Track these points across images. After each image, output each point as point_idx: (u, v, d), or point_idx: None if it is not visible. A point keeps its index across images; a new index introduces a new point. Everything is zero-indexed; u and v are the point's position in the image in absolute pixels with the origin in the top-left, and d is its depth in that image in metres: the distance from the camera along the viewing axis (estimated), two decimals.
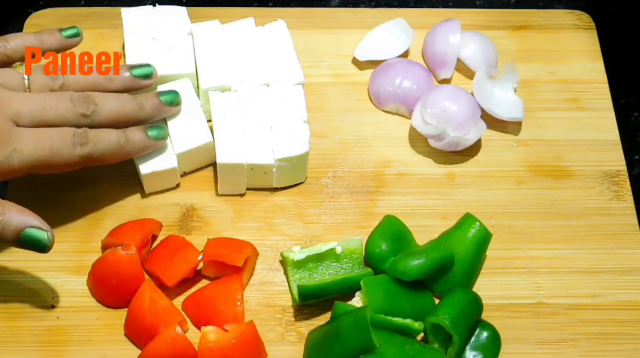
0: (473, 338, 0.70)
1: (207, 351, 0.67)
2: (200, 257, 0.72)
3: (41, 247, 0.65)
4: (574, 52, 0.87)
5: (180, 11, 0.82)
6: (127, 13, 0.82)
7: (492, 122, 0.81)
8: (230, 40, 0.81)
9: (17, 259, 0.73)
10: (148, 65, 0.75)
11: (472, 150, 0.80)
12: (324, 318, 0.71)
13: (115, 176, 0.78)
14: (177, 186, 0.78)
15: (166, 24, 0.81)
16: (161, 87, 0.78)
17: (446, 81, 0.84)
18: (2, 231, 0.64)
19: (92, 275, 0.72)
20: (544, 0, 0.93)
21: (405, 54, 0.86)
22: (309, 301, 0.71)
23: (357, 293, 0.71)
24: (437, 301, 0.72)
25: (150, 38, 0.80)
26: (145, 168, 0.74)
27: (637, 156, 0.83)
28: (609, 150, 0.81)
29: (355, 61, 0.85)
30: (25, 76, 0.69)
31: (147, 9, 0.82)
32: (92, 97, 0.70)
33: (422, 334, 0.69)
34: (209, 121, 0.77)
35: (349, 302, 0.70)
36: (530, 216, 0.77)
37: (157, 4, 0.83)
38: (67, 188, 0.77)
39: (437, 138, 0.78)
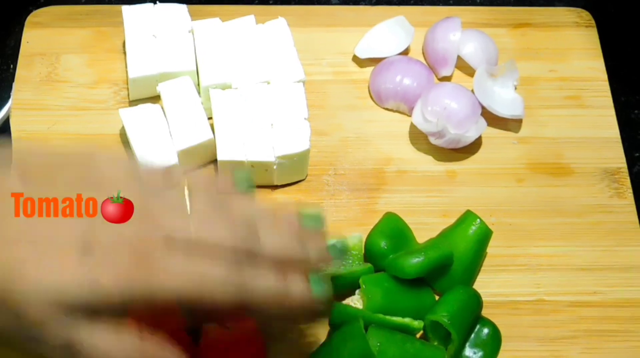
0: (473, 336, 0.70)
1: (208, 348, 0.67)
2: None
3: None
4: (575, 50, 0.87)
5: (181, 9, 0.83)
6: (128, 11, 0.82)
7: (493, 119, 0.81)
8: (230, 37, 0.81)
9: None
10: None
11: (473, 148, 0.80)
12: None
13: None
14: None
15: (167, 21, 0.81)
16: (162, 86, 0.78)
17: (446, 79, 0.84)
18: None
19: None
20: None
21: (405, 52, 0.86)
22: None
23: (357, 291, 0.71)
24: (438, 298, 0.72)
25: (151, 36, 0.80)
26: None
27: (637, 153, 0.83)
28: (609, 147, 0.81)
29: (355, 59, 0.85)
30: (187, 195, 0.57)
31: (148, 6, 0.82)
32: (256, 229, 0.57)
33: (421, 332, 0.70)
34: (210, 118, 0.78)
35: (349, 299, 0.70)
36: (531, 214, 0.77)
37: (157, 2, 0.83)
38: None
39: (437, 135, 0.78)
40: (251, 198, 0.60)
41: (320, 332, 0.70)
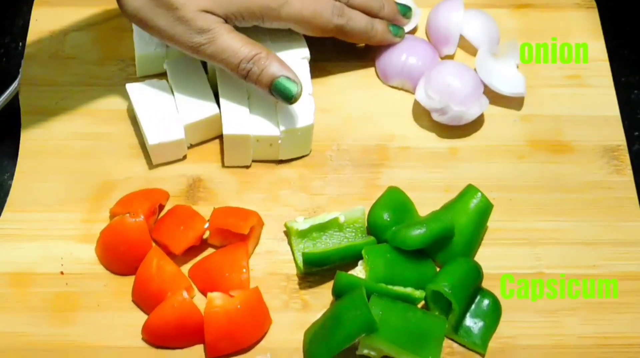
0: (474, 306, 0.71)
1: (213, 315, 0.68)
2: (206, 225, 0.73)
3: (289, 97, 0.73)
4: (575, 31, 0.87)
5: None
6: None
7: (495, 97, 0.82)
8: None
9: (28, 227, 0.74)
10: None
11: (475, 125, 0.81)
12: (327, 286, 0.72)
13: (123, 148, 0.79)
14: (184, 157, 0.79)
15: None
16: (168, 63, 0.79)
17: (449, 58, 0.85)
18: (260, 75, 0.73)
19: (101, 242, 0.73)
20: None
21: (411, 32, 0.87)
22: (313, 270, 0.72)
23: (360, 263, 0.72)
24: (439, 270, 0.73)
25: None
26: (152, 139, 0.75)
27: (637, 132, 0.84)
28: (609, 125, 0.82)
29: None
30: None
31: None
32: None
33: (422, 302, 0.71)
34: (216, 93, 0.79)
35: (352, 271, 0.71)
36: (532, 190, 0.78)
37: None
38: (75, 161, 0.78)
39: (440, 111, 0.79)
40: None
41: (324, 301, 0.72)
